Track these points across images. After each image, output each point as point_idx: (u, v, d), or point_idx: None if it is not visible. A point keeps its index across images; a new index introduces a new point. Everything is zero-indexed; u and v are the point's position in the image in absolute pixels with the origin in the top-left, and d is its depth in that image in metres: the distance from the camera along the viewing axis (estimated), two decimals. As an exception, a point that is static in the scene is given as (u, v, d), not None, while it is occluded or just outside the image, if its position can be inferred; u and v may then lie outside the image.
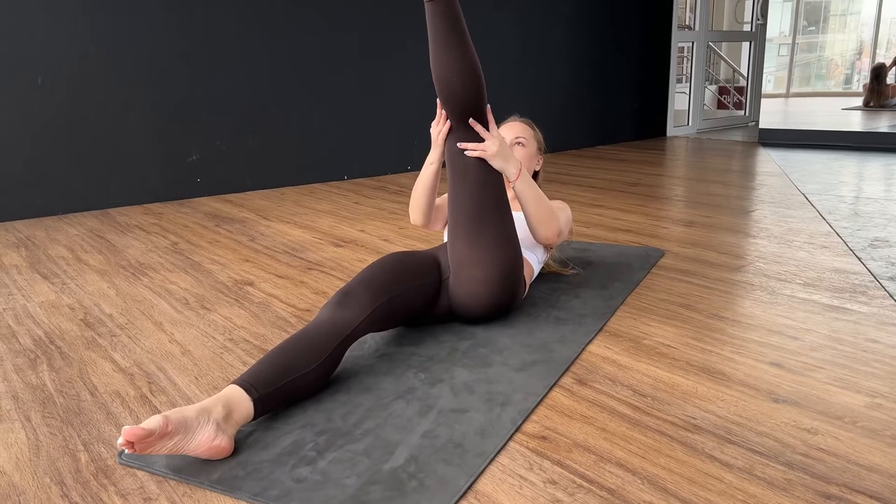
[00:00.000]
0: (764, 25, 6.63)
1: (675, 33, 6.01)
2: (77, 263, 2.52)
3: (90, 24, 3.35)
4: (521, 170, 1.77)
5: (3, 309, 2.06)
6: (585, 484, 1.14)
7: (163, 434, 1.14)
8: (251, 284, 2.24)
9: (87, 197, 3.45)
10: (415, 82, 4.49)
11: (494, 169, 1.73)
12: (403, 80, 4.44)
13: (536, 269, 1.99)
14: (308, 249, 2.65)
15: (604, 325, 1.82)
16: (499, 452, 1.24)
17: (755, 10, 6.57)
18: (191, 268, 2.44)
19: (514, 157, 1.77)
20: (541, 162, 2.13)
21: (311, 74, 4.06)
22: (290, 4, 3.92)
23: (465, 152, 1.71)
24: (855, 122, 6.66)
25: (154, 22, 3.51)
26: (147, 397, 1.48)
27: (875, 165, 4.34)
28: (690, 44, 6.36)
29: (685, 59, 8.12)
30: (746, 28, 7.47)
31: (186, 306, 2.04)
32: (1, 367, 1.65)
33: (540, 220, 1.82)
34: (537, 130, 2.15)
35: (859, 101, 9.12)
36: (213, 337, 1.81)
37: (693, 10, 6.97)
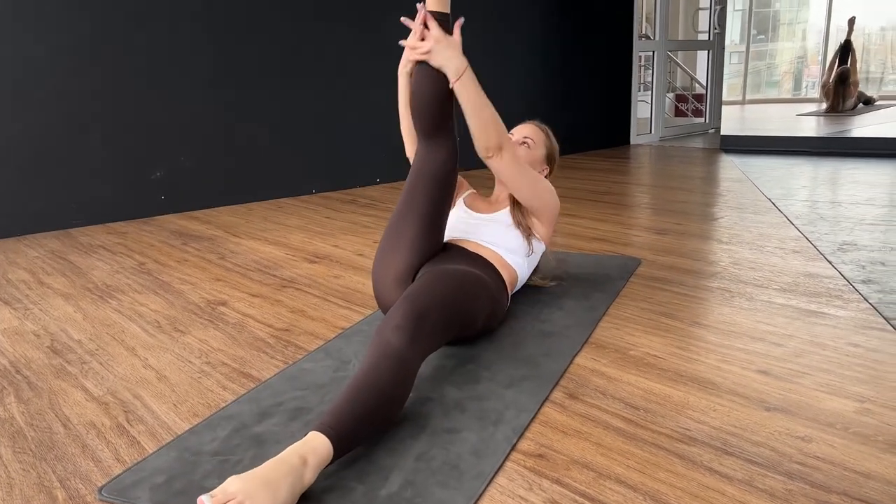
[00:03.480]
0: (722, 34, 6.78)
1: (637, 43, 6.10)
2: (39, 287, 2.43)
3: (48, 39, 3.24)
4: (464, 72, 1.67)
5: (-36, 337, 1.96)
6: (587, 502, 1.12)
7: None
8: (224, 304, 2.18)
9: (46, 217, 3.33)
10: (382, 95, 4.45)
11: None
12: (370, 93, 4.40)
13: (521, 276, 1.96)
14: (281, 266, 2.59)
15: (589, 336, 1.81)
16: (496, 473, 1.21)
17: (712, 19, 6.71)
18: (160, 288, 2.36)
19: (461, 57, 1.68)
20: (545, 171, 2.12)
21: (276, 87, 4.00)
22: (255, 19, 3.86)
23: (408, 56, 1.74)
24: (811, 127, 6.83)
25: (115, 36, 3.42)
26: (124, 427, 1.42)
27: (834, 170, 4.45)
28: (650, 53, 6.46)
29: (642, 67, 8.26)
30: (701, 37, 7.63)
31: (159, 329, 1.98)
32: (-36, 401, 1.56)
33: (479, 126, 1.74)
34: (552, 139, 2.13)
35: (810, 107, 9.36)
36: (189, 361, 1.75)
37: (650, 20, 7.09)
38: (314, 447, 1.12)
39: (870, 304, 1.97)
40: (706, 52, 7.23)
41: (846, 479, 1.15)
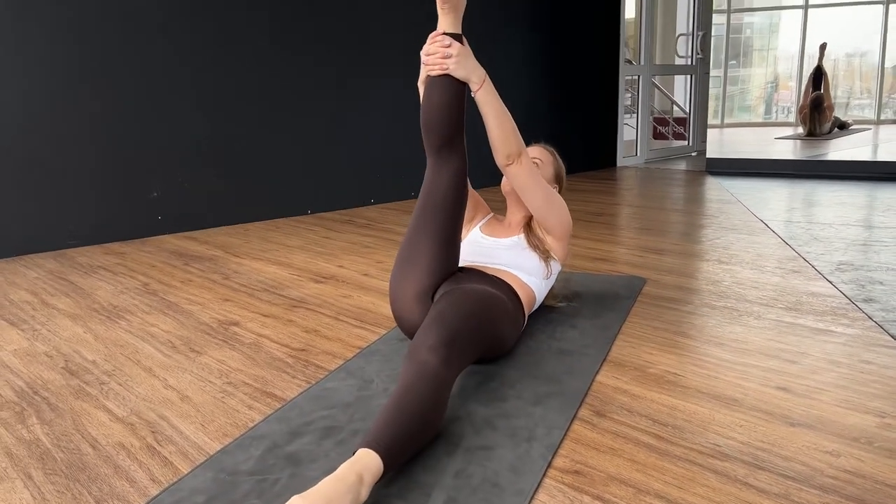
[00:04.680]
0: (706, 59, 6.93)
1: (622, 68, 6.22)
2: (44, 308, 2.40)
3: (43, 57, 3.23)
4: (485, 80, 1.77)
5: (-26, 359, 1.93)
6: (631, 517, 1.13)
7: None
8: (237, 325, 2.17)
9: (42, 237, 3.30)
10: (378, 115, 4.50)
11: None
12: (366, 114, 4.44)
13: (538, 296, 1.98)
14: (288, 286, 2.59)
15: (606, 354, 1.83)
16: (536, 490, 1.22)
17: (695, 44, 6.87)
18: (168, 309, 2.35)
19: (480, 67, 1.77)
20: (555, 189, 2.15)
21: (272, 108, 4.02)
22: (251, 40, 3.89)
23: (429, 72, 1.74)
24: (791, 151, 6.98)
25: (112, 54, 3.42)
26: (154, 448, 1.41)
27: (819, 192, 4.56)
28: (628, 77, 6.59)
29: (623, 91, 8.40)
30: (680, 61, 7.81)
31: (174, 350, 1.96)
32: (-15, 422, 1.54)
33: (501, 133, 1.81)
34: (558, 160, 2.19)
35: (784, 131, 9.58)
36: (209, 381, 1.74)
37: (629, 45, 7.22)
38: (367, 464, 1.13)
39: (874, 322, 2.02)
40: (683, 76, 7.40)
41: (879, 492, 1.18)
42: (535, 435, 1.40)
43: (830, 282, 2.44)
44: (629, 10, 6.72)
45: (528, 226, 2.08)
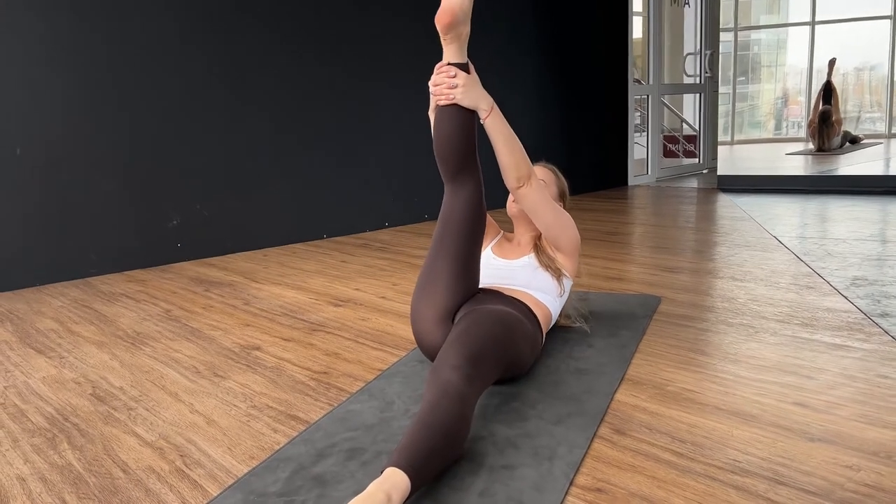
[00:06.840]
0: (714, 78, 6.98)
1: (631, 87, 6.27)
2: (70, 335, 2.45)
3: (66, 92, 3.32)
4: (493, 107, 1.81)
5: (5, 387, 1.98)
6: (653, 534, 1.15)
7: None
8: (259, 349, 2.21)
9: (65, 266, 3.36)
10: (390, 141, 4.56)
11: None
12: (379, 138, 4.50)
13: (554, 315, 2.01)
14: (307, 311, 2.63)
15: (624, 373, 1.85)
16: (560, 507, 1.24)
17: (703, 63, 6.92)
18: (191, 335, 2.39)
19: (487, 95, 1.81)
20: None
21: (287, 135, 4.09)
22: (267, 69, 3.97)
23: (437, 102, 1.78)
24: (801, 166, 6.99)
25: (130, 86, 3.50)
26: (183, 471, 1.44)
27: (832, 207, 4.57)
28: (638, 97, 6.64)
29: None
30: (688, 80, 7.86)
31: (198, 375, 2.00)
32: (19, 449, 1.58)
33: (511, 158, 1.85)
34: (560, 177, 2.22)
35: (794, 146, 9.60)
36: (234, 405, 1.77)
37: (636, 65, 7.29)
38: (395, 483, 1.16)
39: (891, 336, 2.03)
40: (692, 94, 7.46)
41: (899, 505, 1.20)
42: (556, 454, 1.43)
43: (846, 297, 2.45)
44: (636, 30, 6.79)
45: (538, 245, 2.11)
